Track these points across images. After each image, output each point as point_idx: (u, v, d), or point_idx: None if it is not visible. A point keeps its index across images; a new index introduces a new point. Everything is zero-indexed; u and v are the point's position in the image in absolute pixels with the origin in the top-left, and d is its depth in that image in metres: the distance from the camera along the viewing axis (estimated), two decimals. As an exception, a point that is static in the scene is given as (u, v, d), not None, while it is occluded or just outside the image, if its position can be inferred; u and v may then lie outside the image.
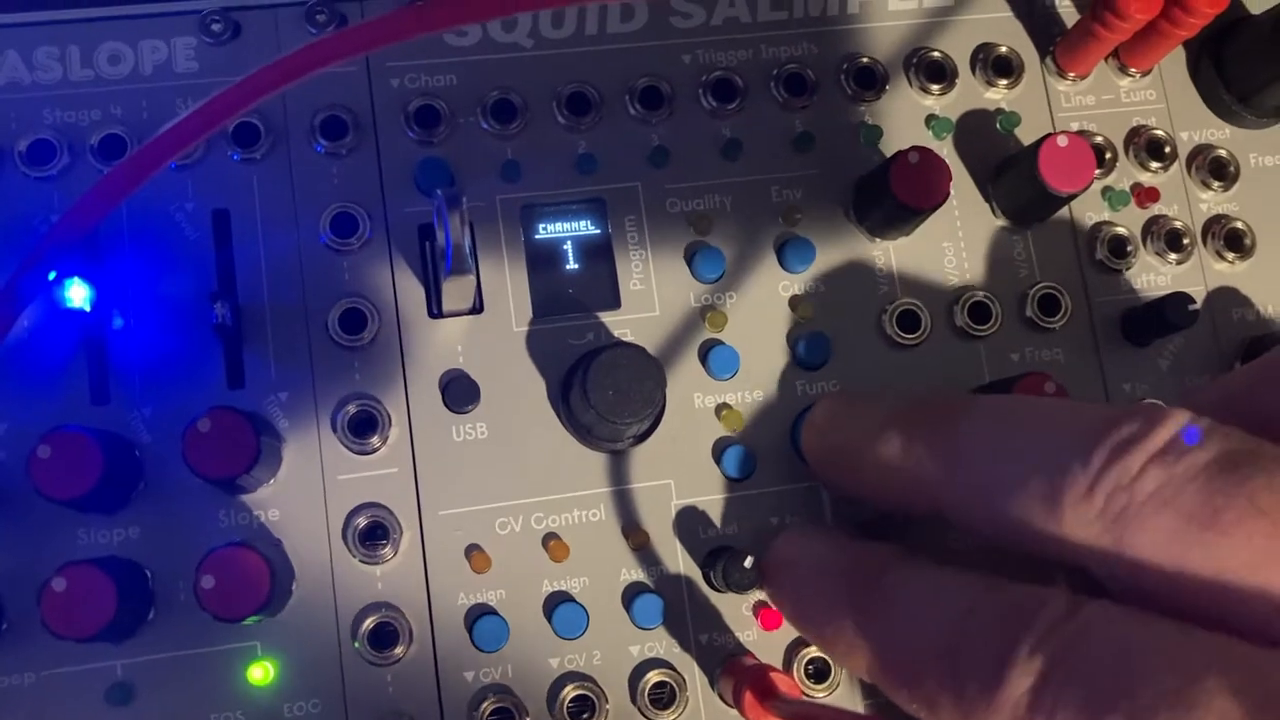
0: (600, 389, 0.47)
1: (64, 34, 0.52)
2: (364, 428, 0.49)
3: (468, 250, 0.45)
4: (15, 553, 0.48)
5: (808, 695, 0.49)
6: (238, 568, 0.44)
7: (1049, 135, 0.51)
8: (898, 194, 0.50)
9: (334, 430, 0.49)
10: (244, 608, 0.44)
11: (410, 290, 0.51)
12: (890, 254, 0.54)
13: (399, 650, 0.48)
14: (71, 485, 0.45)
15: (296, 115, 0.52)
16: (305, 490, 0.49)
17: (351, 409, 0.49)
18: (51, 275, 0.44)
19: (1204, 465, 0.34)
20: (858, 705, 0.50)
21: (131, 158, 0.39)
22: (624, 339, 0.52)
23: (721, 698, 0.49)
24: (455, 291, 0.48)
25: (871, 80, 0.55)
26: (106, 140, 0.51)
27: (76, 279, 0.48)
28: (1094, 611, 0.35)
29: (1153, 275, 0.55)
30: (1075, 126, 0.56)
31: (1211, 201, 0.56)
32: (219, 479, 0.45)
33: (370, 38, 0.39)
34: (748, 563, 0.47)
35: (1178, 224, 0.55)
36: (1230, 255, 0.55)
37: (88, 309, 0.49)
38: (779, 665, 0.50)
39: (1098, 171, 0.54)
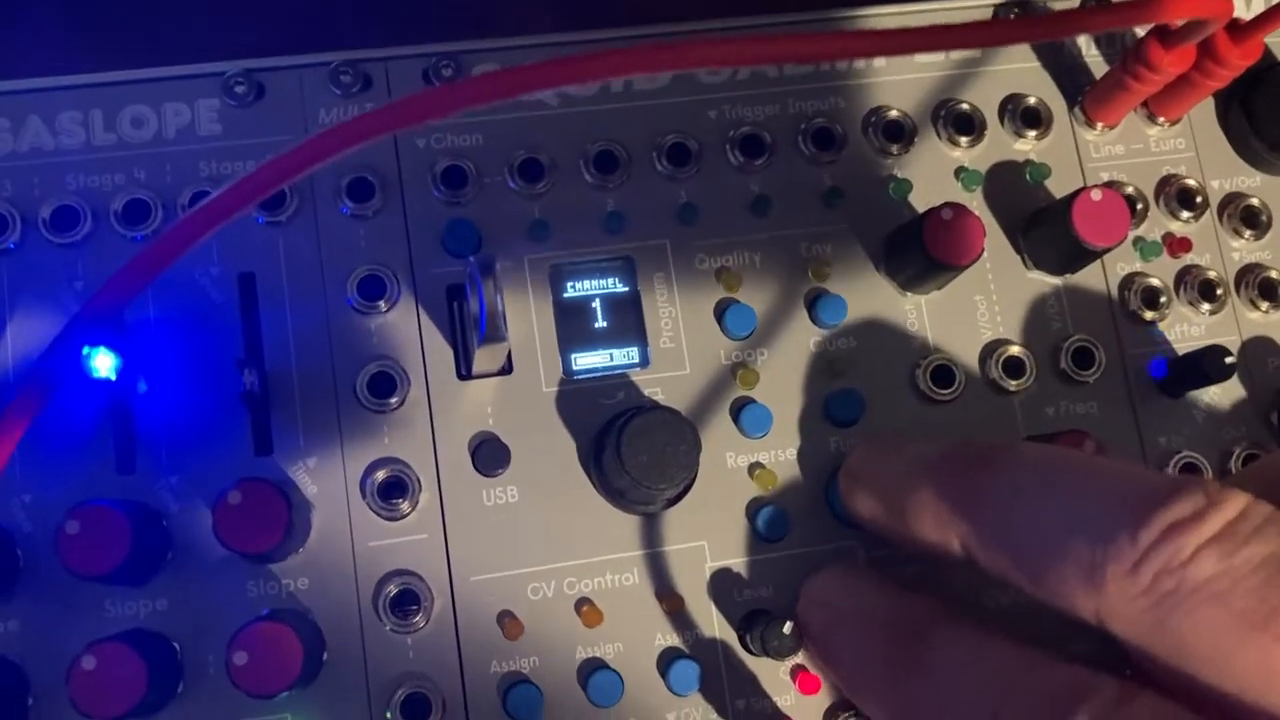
0: (635, 454, 0.46)
1: (87, 98, 0.51)
2: (393, 492, 0.49)
3: (502, 318, 0.44)
4: (41, 627, 0.47)
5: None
6: (271, 644, 0.43)
7: (1082, 189, 0.50)
8: (932, 250, 0.49)
9: (363, 496, 0.49)
10: (277, 684, 0.43)
11: (439, 352, 0.51)
12: (922, 308, 0.53)
13: (432, 721, 0.47)
14: (100, 561, 0.44)
15: (323, 177, 0.51)
16: (335, 558, 0.48)
17: (381, 474, 0.49)
18: (85, 350, 0.44)
19: (1262, 560, 0.33)
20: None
21: (164, 236, 0.39)
22: (655, 398, 0.51)
23: (761, 766, 0.49)
24: (488, 357, 0.48)
25: (899, 133, 0.55)
26: (130, 205, 0.50)
27: (102, 348, 0.48)
28: (1143, 707, 0.34)
29: (1186, 325, 0.55)
30: (1105, 176, 0.56)
31: (1244, 250, 0.56)
32: (251, 554, 0.45)
33: (415, 112, 0.38)
34: (787, 628, 0.47)
35: (1211, 274, 0.55)
36: (1264, 304, 0.55)
37: (113, 378, 0.48)
38: (817, 731, 0.49)
39: (1130, 224, 0.54)
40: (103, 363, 0.47)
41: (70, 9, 0.52)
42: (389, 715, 0.47)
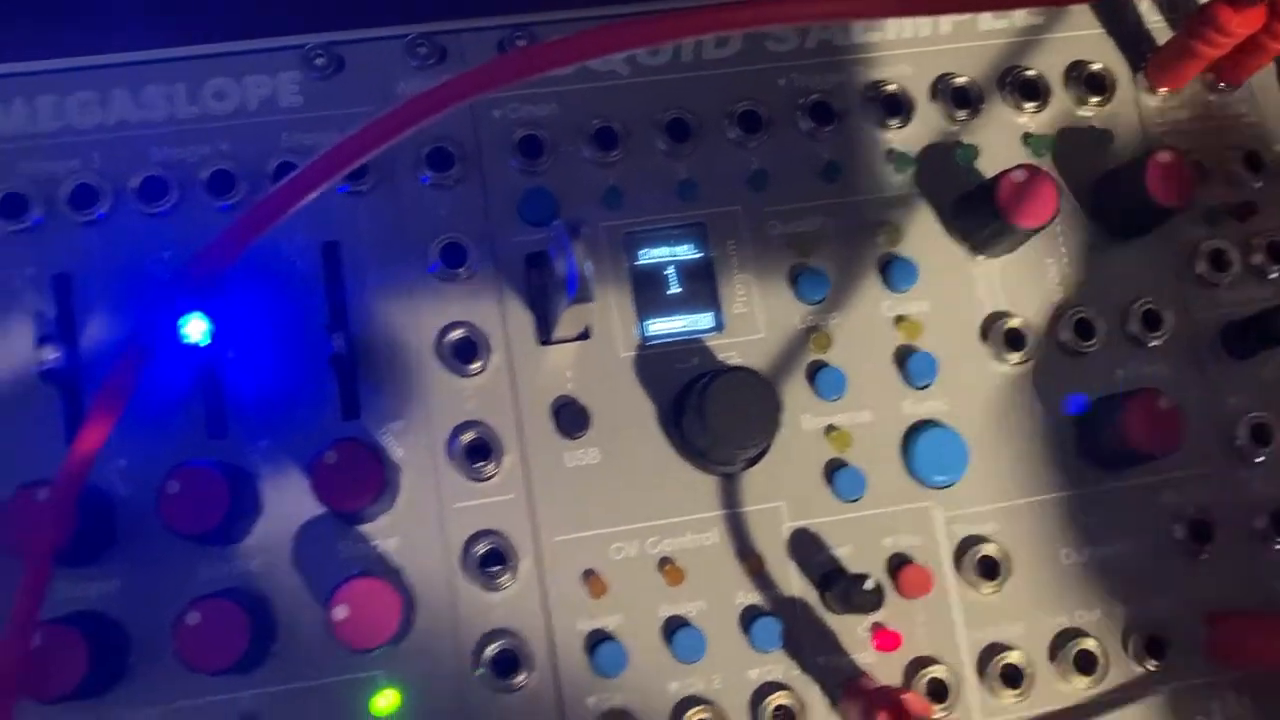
0: (717, 414, 0.47)
1: (171, 72, 0.52)
2: (479, 454, 0.50)
3: (590, 278, 0.45)
4: (139, 587, 0.48)
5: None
6: (370, 598, 0.44)
7: (1153, 150, 0.51)
8: (1006, 213, 0.50)
9: (449, 458, 0.50)
10: (377, 638, 0.44)
11: (519, 318, 0.52)
12: (994, 271, 0.54)
13: (521, 677, 0.48)
14: (199, 520, 0.45)
15: (403, 148, 0.52)
16: (423, 518, 0.49)
17: (466, 437, 0.50)
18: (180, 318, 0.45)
19: None
20: (977, 724, 0.50)
21: (258, 206, 0.40)
22: (730, 362, 0.52)
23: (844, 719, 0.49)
24: (572, 319, 0.49)
25: (966, 99, 0.55)
26: (215, 175, 0.51)
27: (195, 314, 0.49)
28: None
29: (1254, 288, 0.55)
30: (1168, 141, 0.56)
31: (1310, 212, 0.56)
32: (346, 511, 0.46)
33: (486, 80, 0.39)
34: (869, 584, 0.47)
35: (1277, 237, 0.55)
36: (1330, 265, 0.55)
37: (205, 344, 0.49)
38: (898, 685, 0.50)
39: (1196, 187, 0.54)
40: (196, 329, 0.49)
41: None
42: (480, 672, 0.48)
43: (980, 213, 0.52)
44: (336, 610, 0.44)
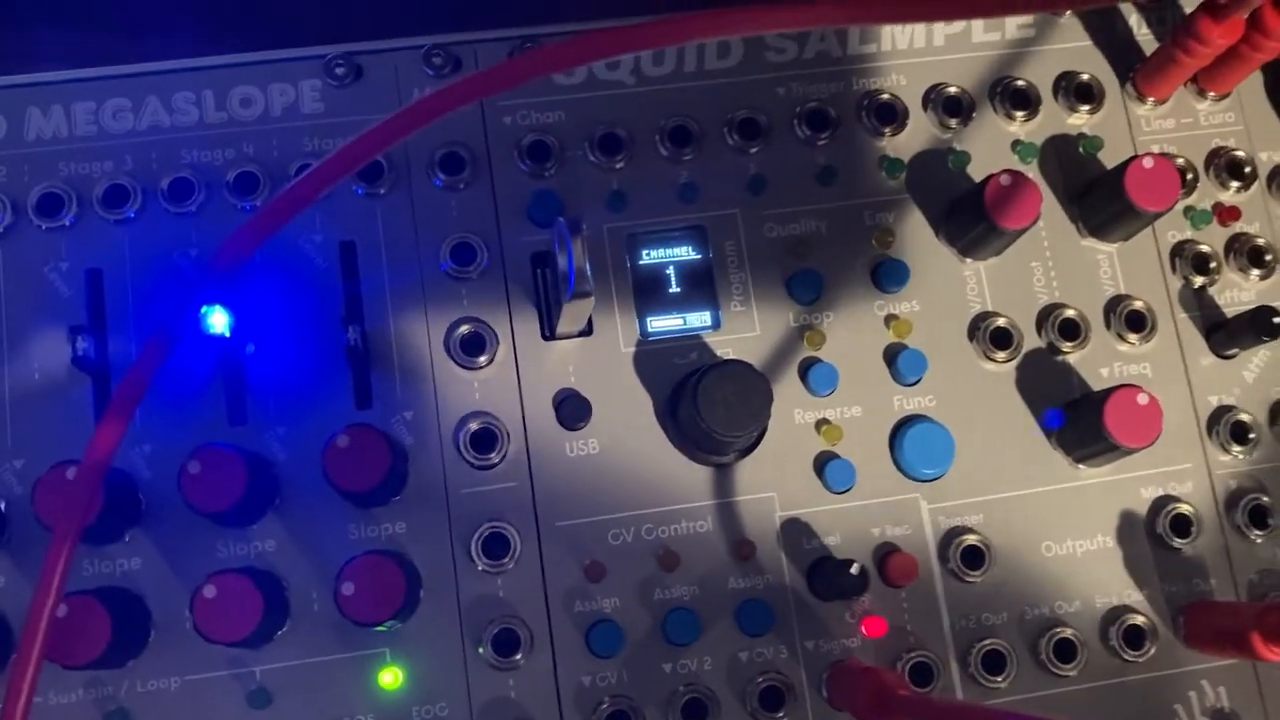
0: (710, 404, 0.49)
1: (200, 80, 0.55)
2: (485, 444, 0.52)
3: (589, 274, 0.47)
4: (160, 565, 0.51)
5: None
6: (376, 575, 0.47)
7: (1135, 156, 0.53)
8: (991, 216, 0.52)
9: (456, 447, 0.52)
10: (382, 613, 0.47)
11: (524, 314, 0.54)
12: (981, 273, 0.56)
13: (520, 656, 0.51)
14: (219, 498, 0.48)
15: (417, 152, 0.55)
16: (430, 503, 0.52)
17: (473, 427, 0.52)
18: (203, 309, 0.48)
19: None
20: (960, 709, 0.52)
21: (277, 199, 0.42)
22: (728, 357, 0.54)
23: (830, 702, 0.51)
24: (573, 314, 0.51)
25: (958, 108, 0.57)
26: (240, 177, 0.54)
27: (218, 306, 0.52)
28: None
29: (1236, 291, 0.57)
30: (1156, 149, 0.58)
31: (1293, 219, 0.58)
32: (355, 492, 0.48)
33: (492, 82, 0.42)
34: (854, 568, 0.49)
35: (1260, 241, 0.57)
36: (1313, 271, 0.57)
37: (227, 335, 0.52)
38: (883, 667, 0.52)
39: (1180, 191, 0.56)
40: (218, 320, 0.52)
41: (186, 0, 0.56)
42: (481, 650, 0.51)
43: (967, 215, 0.54)
44: (344, 586, 0.47)
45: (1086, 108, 0.58)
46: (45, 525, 0.46)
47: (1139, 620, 0.53)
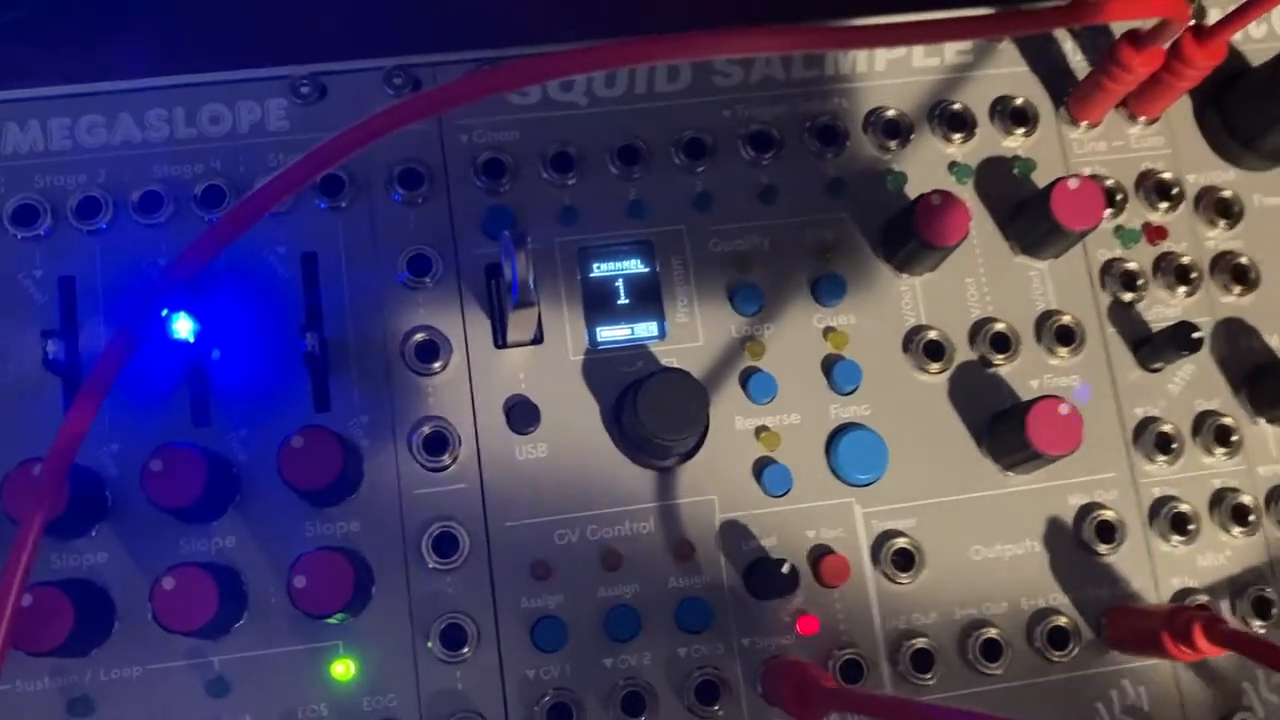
0: (650, 410, 0.51)
1: (171, 97, 0.58)
2: (437, 447, 0.55)
3: (531, 285, 0.50)
4: (125, 559, 0.53)
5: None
6: (326, 568, 0.49)
7: (1061, 178, 0.55)
8: (922, 233, 0.54)
9: (410, 449, 0.55)
10: (332, 604, 0.49)
11: (478, 323, 0.57)
12: (916, 289, 0.58)
13: (467, 650, 0.53)
14: (180, 495, 0.50)
15: (376, 168, 0.58)
16: (383, 503, 0.54)
17: (425, 430, 0.55)
18: (164, 312, 0.51)
19: None
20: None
21: (237, 207, 0.45)
22: (671, 366, 0.57)
23: (764, 696, 0.54)
24: (520, 322, 0.54)
25: (897, 131, 0.60)
26: (208, 191, 0.57)
27: (183, 313, 0.54)
28: None
29: (1162, 307, 0.59)
30: (1088, 171, 0.61)
31: (1218, 239, 0.60)
32: (309, 490, 0.51)
33: (440, 100, 0.44)
34: (785, 567, 0.52)
35: (1186, 259, 0.59)
36: (1236, 288, 0.59)
37: (192, 341, 0.55)
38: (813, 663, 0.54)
39: (1110, 211, 0.59)
40: (183, 327, 0.54)
41: (158, 21, 0.59)
42: (430, 644, 0.53)
43: (901, 233, 0.56)
44: (296, 579, 0.49)
45: (1021, 130, 0.61)
46: (14, 520, 0.49)
47: (1063, 621, 0.55)
